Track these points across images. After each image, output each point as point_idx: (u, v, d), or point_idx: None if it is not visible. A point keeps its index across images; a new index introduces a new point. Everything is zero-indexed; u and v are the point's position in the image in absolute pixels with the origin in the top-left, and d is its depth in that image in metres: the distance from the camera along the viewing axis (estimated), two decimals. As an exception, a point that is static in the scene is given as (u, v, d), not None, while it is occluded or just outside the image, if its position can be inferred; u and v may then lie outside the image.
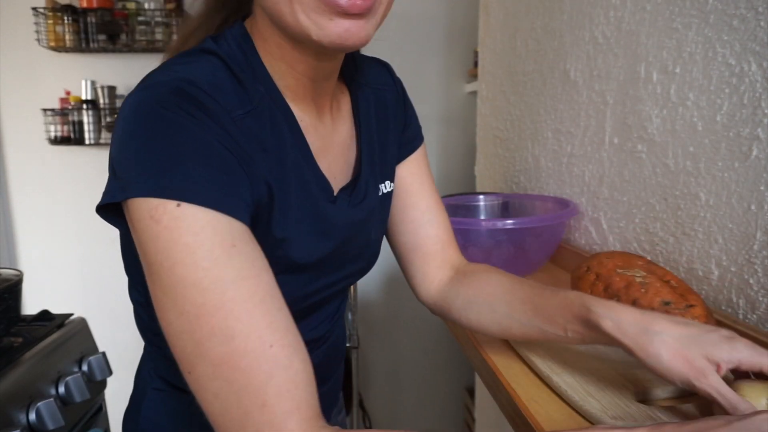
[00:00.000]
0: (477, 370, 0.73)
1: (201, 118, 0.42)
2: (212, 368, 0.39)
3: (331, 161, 0.58)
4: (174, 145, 0.41)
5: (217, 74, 0.47)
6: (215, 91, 0.45)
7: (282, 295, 0.44)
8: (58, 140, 2.13)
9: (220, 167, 0.42)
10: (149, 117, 0.41)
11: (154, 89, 0.43)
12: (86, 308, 1.42)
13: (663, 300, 0.62)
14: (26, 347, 0.93)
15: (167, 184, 0.40)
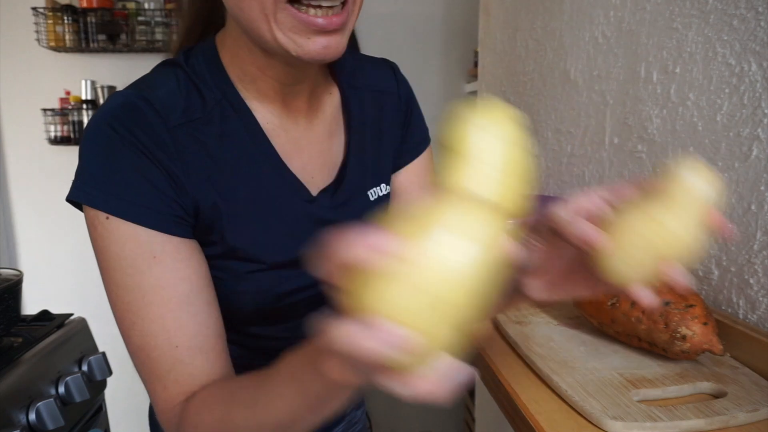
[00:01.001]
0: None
1: (136, 137, 0.48)
2: (132, 350, 0.49)
3: (306, 161, 0.59)
4: (108, 162, 0.47)
5: (170, 86, 0.52)
6: (161, 102, 0.50)
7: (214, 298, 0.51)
8: (58, 140, 2.13)
9: (146, 183, 0.48)
10: (95, 133, 0.48)
11: (110, 103, 0.50)
12: (86, 308, 1.42)
13: (663, 300, 0.62)
14: (26, 347, 0.93)
15: (100, 196, 0.47)
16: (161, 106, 0.50)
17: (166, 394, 0.48)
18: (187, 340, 0.48)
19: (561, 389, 0.58)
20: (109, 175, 0.47)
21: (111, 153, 0.47)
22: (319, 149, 0.60)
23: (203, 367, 0.48)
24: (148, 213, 0.47)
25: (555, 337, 0.71)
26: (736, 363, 0.62)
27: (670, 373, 0.60)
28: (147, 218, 0.47)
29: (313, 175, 0.59)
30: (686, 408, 0.52)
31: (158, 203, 0.48)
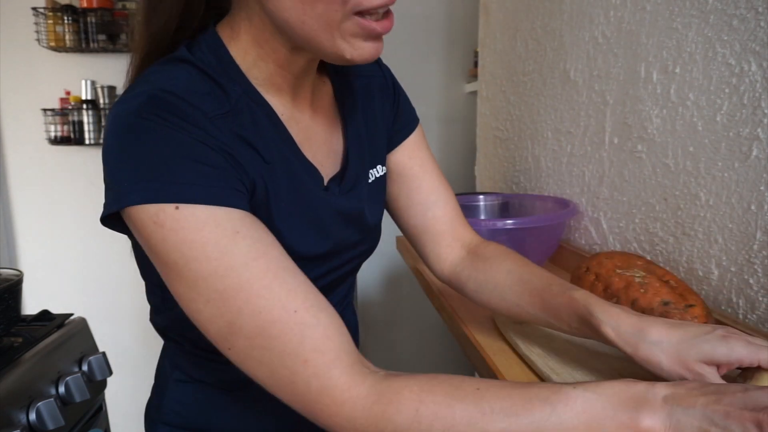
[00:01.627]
0: (477, 370, 0.73)
1: (177, 123, 0.44)
2: (249, 341, 0.43)
3: (316, 151, 0.60)
4: (158, 151, 0.43)
5: (192, 80, 0.49)
6: (190, 95, 0.47)
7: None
8: (58, 140, 2.13)
9: (205, 163, 0.44)
10: (130, 128, 0.44)
11: (132, 101, 0.45)
12: (86, 308, 1.42)
13: (662, 300, 0.62)
14: (26, 347, 0.93)
15: (161, 188, 0.42)
16: (192, 99, 0.47)
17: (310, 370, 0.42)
18: (303, 301, 0.44)
19: (561, 389, 0.58)
20: (163, 165, 0.43)
21: (157, 141, 0.43)
22: (323, 138, 0.61)
23: (331, 325, 0.44)
24: (218, 191, 0.44)
25: (555, 338, 0.71)
26: (736, 363, 0.62)
27: (670, 373, 0.60)
28: (219, 197, 0.44)
29: (321, 163, 0.60)
30: (686, 408, 0.52)
31: (223, 180, 0.45)
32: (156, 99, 0.45)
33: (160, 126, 0.44)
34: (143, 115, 0.44)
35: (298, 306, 0.43)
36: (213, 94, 0.50)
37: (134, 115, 0.44)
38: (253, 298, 0.42)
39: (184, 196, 0.42)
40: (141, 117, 0.44)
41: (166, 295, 0.49)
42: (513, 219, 0.93)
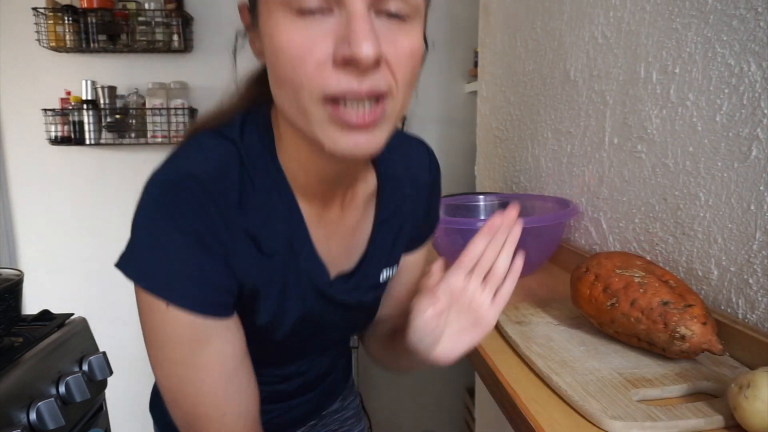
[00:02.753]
0: (477, 370, 0.74)
1: (189, 219, 0.49)
2: (183, 415, 0.53)
3: (332, 246, 0.61)
4: (165, 252, 0.48)
5: (227, 169, 0.52)
6: (215, 184, 0.50)
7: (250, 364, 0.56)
8: (58, 140, 2.13)
9: (203, 271, 0.49)
10: (150, 215, 0.49)
11: (163, 183, 0.50)
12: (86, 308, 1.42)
13: (662, 300, 0.62)
14: (27, 347, 0.93)
15: (160, 285, 0.48)
16: (215, 190, 0.50)
17: None
18: (234, 408, 0.53)
19: (561, 389, 0.58)
20: (168, 268, 0.48)
21: (169, 243, 0.48)
22: (344, 235, 0.62)
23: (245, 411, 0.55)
24: (204, 302, 0.50)
25: (555, 337, 0.71)
26: (735, 363, 0.62)
27: (670, 372, 0.60)
28: (203, 307, 0.50)
29: (334, 258, 0.62)
30: (686, 408, 0.53)
31: (213, 292, 0.50)
32: (181, 187, 0.49)
33: (173, 226, 0.48)
34: (164, 205, 0.49)
35: (228, 411, 0.53)
36: (240, 185, 0.52)
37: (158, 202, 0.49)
38: (199, 395, 0.51)
39: (175, 298, 0.48)
40: (162, 206, 0.49)
41: None
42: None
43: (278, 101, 0.49)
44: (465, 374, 2.33)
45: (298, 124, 0.47)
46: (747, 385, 0.48)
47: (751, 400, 0.47)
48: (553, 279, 1.02)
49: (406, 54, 0.46)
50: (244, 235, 0.52)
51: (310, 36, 0.43)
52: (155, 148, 2.24)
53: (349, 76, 0.43)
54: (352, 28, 0.42)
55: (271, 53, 0.45)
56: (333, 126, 0.45)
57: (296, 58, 0.43)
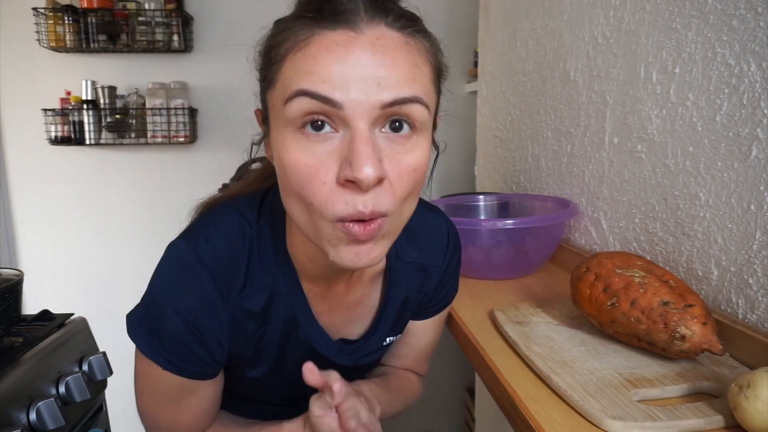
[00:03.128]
0: (477, 370, 0.74)
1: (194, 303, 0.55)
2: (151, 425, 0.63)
3: (336, 318, 0.65)
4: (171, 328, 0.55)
5: (236, 255, 0.57)
6: (222, 269, 0.56)
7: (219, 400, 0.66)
8: (58, 140, 2.13)
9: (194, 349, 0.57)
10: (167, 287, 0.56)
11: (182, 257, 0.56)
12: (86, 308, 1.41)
13: (662, 300, 0.62)
14: (26, 347, 0.93)
15: (157, 353, 0.56)
16: (222, 279, 0.56)
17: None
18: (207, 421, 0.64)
19: (561, 389, 0.58)
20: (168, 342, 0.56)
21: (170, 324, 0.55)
22: (349, 308, 0.66)
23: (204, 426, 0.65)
24: (195, 373, 0.58)
25: (555, 337, 0.71)
26: (735, 363, 0.62)
27: (670, 372, 0.60)
28: (191, 375, 0.58)
29: (338, 329, 0.66)
30: (686, 408, 0.53)
31: (205, 367, 0.59)
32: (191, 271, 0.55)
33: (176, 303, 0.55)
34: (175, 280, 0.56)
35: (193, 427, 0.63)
36: (246, 270, 0.58)
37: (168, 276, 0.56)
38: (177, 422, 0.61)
39: (168, 366, 0.57)
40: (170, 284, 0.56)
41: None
42: (513, 219, 0.93)
43: (287, 208, 0.51)
44: (465, 374, 2.33)
45: (306, 232, 0.50)
46: (747, 385, 0.48)
47: (751, 400, 0.47)
48: (553, 279, 1.02)
49: (408, 171, 0.47)
50: (244, 315, 0.59)
51: (316, 157, 0.45)
52: (155, 148, 2.24)
53: (353, 195, 0.45)
54: (355, 150, 0.43)
55: (280, 167, 0.49)
56: (340, 242, 0.47)
57: (304, 177, 0.45)
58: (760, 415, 0.46)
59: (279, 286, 0.60)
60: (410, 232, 0.66)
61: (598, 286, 0.69)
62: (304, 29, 0.45)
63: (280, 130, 0.47)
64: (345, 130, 0.45)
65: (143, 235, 2.25)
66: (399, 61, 0.45)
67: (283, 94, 0.46)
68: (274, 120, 0.48)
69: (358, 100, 0.43)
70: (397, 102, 0.44)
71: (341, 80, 0.43)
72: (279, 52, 0.47)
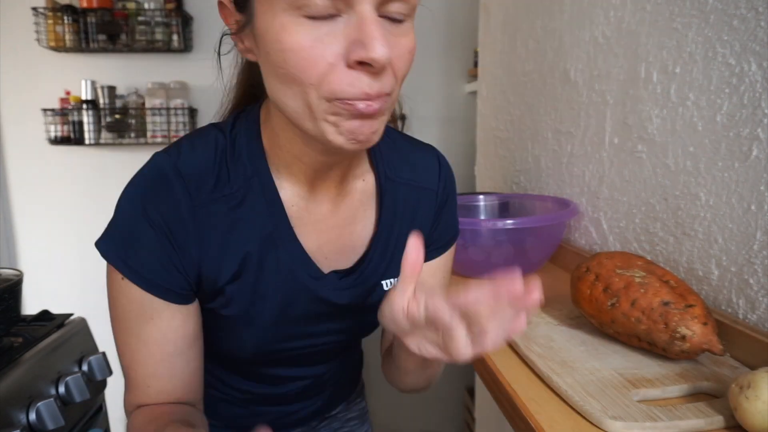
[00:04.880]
0: (477, 370, 0.73)
1: (161, 217, 0.53)
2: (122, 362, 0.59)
3: (323, 243, 0.61)
4: (132, 236, 0.54)
5: (208, 155, 0.56)
6: (195, 178, 0.55)
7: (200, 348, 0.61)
8: (58, 140, 2.12)
9: (159, 265, 0.54)
10: (130, 202, 0.54)
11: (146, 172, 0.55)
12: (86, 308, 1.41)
13: (662, 300, 0.62)
14: (26, 347, 0.93)
15: (120, 261, 0.54)
16: (192, 180, 0.54)
17: (131, 398, 0.59)
18: (160, 385, 0.58)
19: (561, 389, 0.58)
20: (130, 246, 0.54)
21: (136, 227, 0.54)
22: (339, 232, 0.62)
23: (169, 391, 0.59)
24: (156, 286, 0.55)
25: (555, 337, 0.71)
26: (735, 363, 0.62)
27: (670, 373, 0.60)
28: (154, 289, 0.55)
29: (327, 256, 0.61)
30: (686, 408, 0.52)
31: (167, 280, 0.55)
32: (159, 180, 0.54)
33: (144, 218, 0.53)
34: (142, 197, 0.54)
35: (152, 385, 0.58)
36: (221, 175, 0.56)
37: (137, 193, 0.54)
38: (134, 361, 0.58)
39: (130, 275, 0.54)
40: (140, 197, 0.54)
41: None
42: (513, 219, 0.93)
43: (277, 97, 0.49)
44: (465, 374, 2.33)
45: (300, 118, 0.48)
46: (747, 385, 0.48)
47: (751, 401, 0.47)
48: (553, 279, 1.02)
49: (405, 54, 0.49)
50: (216, 224, 0.55)
51: (320, 38, 0.44)
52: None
53: (361, 76, 0.45)
54: (366, 32, 0.43)
55: (276, 53, 0.46)
56: (340, 117, 0.47)
57: (306, 59, 0.44)
58: (761, 416, 0.46)
59: (255, 188, 0.57)
60: (401, 153, 0.66)
61: (599, 286, 0.69)
62: None
63: (275, 15, 0.45)
64: (349, 13, 0.44)
65: (143, 235, 2.25)
66: None
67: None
68: (266, 4, 0.46)
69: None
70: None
71: None
72: None
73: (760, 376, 0.47)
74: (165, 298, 0.55)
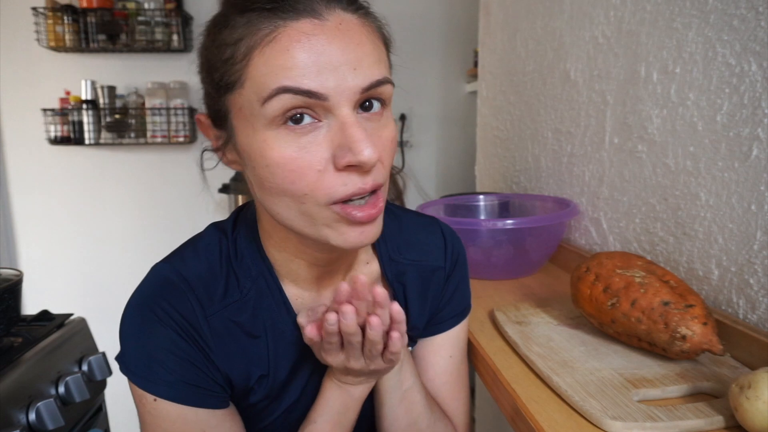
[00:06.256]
0: (477, 370, 0.73)
1: (174, 319, 0.52)
2: None
3: None
4: (150, 346, 0.51)
5: (212, 263, 0.56)
6: (203, 286, 0.54)
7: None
8: (58, 140, 2.13)
9: (186, 365, 0.52)
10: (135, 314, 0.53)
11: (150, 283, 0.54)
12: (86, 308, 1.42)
13: (662, 300, 0.62)
14: (26, 347, 0.93)
15: (148, 381, 0.51)
16: (201, 291, 0.53)
17: None
18: None
19: (561, 389, 0.58)
20: (152, 358, 0.51)
21: (151, 334, 0.51)
22: None
23: None
24: (192, 393, 0.52)
25: (555, 337, 0.71)
26: (736, 363, 0.62)
27: (670, 373, 0.60)
28: (192, 398, 0.52)
29: None
30: (686, 408, 0.52)
31: (200, 381, 0.52)
32: (166, 287, 0.53)
33: (156, 320, 0.52)
34: (149, 304, 0.52)
35: None
36: (228, 283, 0.55)
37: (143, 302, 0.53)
38: None
39: (163, 393, 0.51)
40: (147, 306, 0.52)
41: None
42: (513, 219, 0.93)
43: (268, 206, 0.50)
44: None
45: (298, 226, 0.49)
46: (748, 385, 0.48)
47: (752, 401, 0.47)
48: (553, 279, 1.02)
49: (389, 143, 0.50)
50: (232, 328, 0.55)
51: (304, 147, 0.45)
52: (155, 148, 2.24)
53: (352, 176, 0.46)
54: (351, 136, 0.45)
55: (262, 168, 0.47)
56: (340, 224, 0.48)
57: (295, 171, 0.45)
58: (761, 416, 0.46)
59: (262, 289, 0.57)
60: (405, 236, 0.66)
61: (599, 286, 0.69)
62: (265, 22, 0.44)
63: (256, 131, 0.46)
64: (328, 118, 0.46)
65: (143, 235, 2.25)
66: (364, 42, 0.46)
67: (258, 93, 0.45)
68: (244, 121, 0.47)
69: (340, 88, 0.44)
70: (373, 85, 0.46)
71: (319, 71, 0.44)
72: (239, 51, 0.45)
73: (760, 376, 0.47)
74: (207, 405, 0.53)
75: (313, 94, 0.44)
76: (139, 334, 0.52)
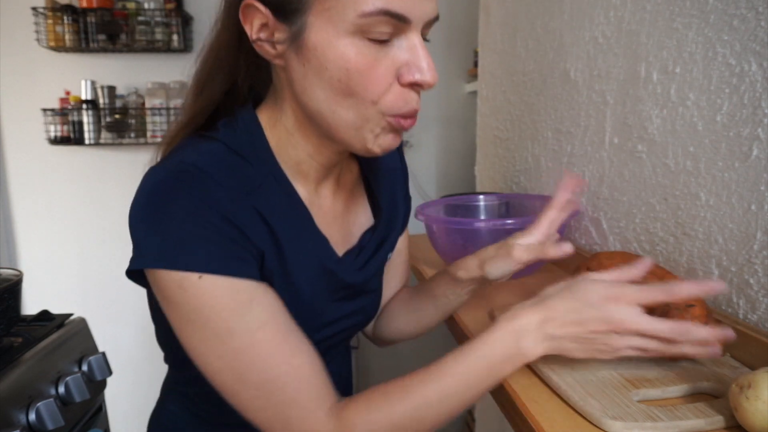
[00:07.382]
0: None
1: (200, 197, 0.49)
2: (255, 391, 0.50)
3: (333, 231, 0.64)
4: (183, 223, 0.48)
5: (221, 157, 0.54)
6: (217, 172, 0.52)
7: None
8: (57, 140, 2.13)
9: (225, 238, 0.50)
10: (160, 197, 0.50)
11: (162, 171, 0.51)
12: (86, 308, 1.42)
13: (663, 300, 0.62)
14: (26, 347, 0.93)
15: (187, 259, 0.48)
16: (218, 176, 0.52)
17: (302, 414, 0.51)
18: (306, 358, 0.52)
19: (561, 389, 0.58)
20: (189, 236, 0.48)
21: (182, 214, 0.49)
22: (342, 221, 0.67)
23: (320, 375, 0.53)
24: (236, 263, 0.50)
25: (555, 337, 0.71)
26: (736, 363, 0.62)
27: (670, 373, 0.60)
28: (236, 268, 0.50)
29: (338, 242, 0.65)
30: (686, 408, 0.52)
31: (239, 253, 0.51)
32: (184, 173, 0.50)
33: (185, 199, 0.49)
34: (172, 187, 0.50)
35: (301, 362, 0.51)
36: (241, 172, 0.54)
37: (163, 184, 0.50)
38: (264, 355, 0.50)
39: (207, 267, 0.48)
40: (170, 188, 0.50)
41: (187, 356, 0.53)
42: (513, 219, 0.92)
43: (325, 105, 0.52)
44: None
45: (343, 126, 0.53)
46: (748, 385, 0.48)
47: (752, 401, 0.47)
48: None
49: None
50: (254, 213, 0.54)
51: (379, 59, 0.50)
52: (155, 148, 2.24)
53: (412, 94, 0.53)
54: (421, 57, 0.51)
55: (338, 69, 0.50)
56: (385, 131, 0.54)
57: (369, 78, 0.50)
58: (761, 416, 0.46)
59: (272, 186, 0.57)
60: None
61: (599, 286, 0.69)
62: None
63: (339, 35, 0.49)
64: (400, 38, 0.51)
65: (143, 235, 2.25)
66: None
67: (357, 6, 0.48)
68: (327, 22, 0.49)
69: (421, 12, 0.50)
70: (437, 17, 0.53)
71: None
72: None
73: (760, 376, 0.47)
74: (251, 275, 0.51)
75: (404, 19, 0.49)
76: (168, 220, 0.49)
